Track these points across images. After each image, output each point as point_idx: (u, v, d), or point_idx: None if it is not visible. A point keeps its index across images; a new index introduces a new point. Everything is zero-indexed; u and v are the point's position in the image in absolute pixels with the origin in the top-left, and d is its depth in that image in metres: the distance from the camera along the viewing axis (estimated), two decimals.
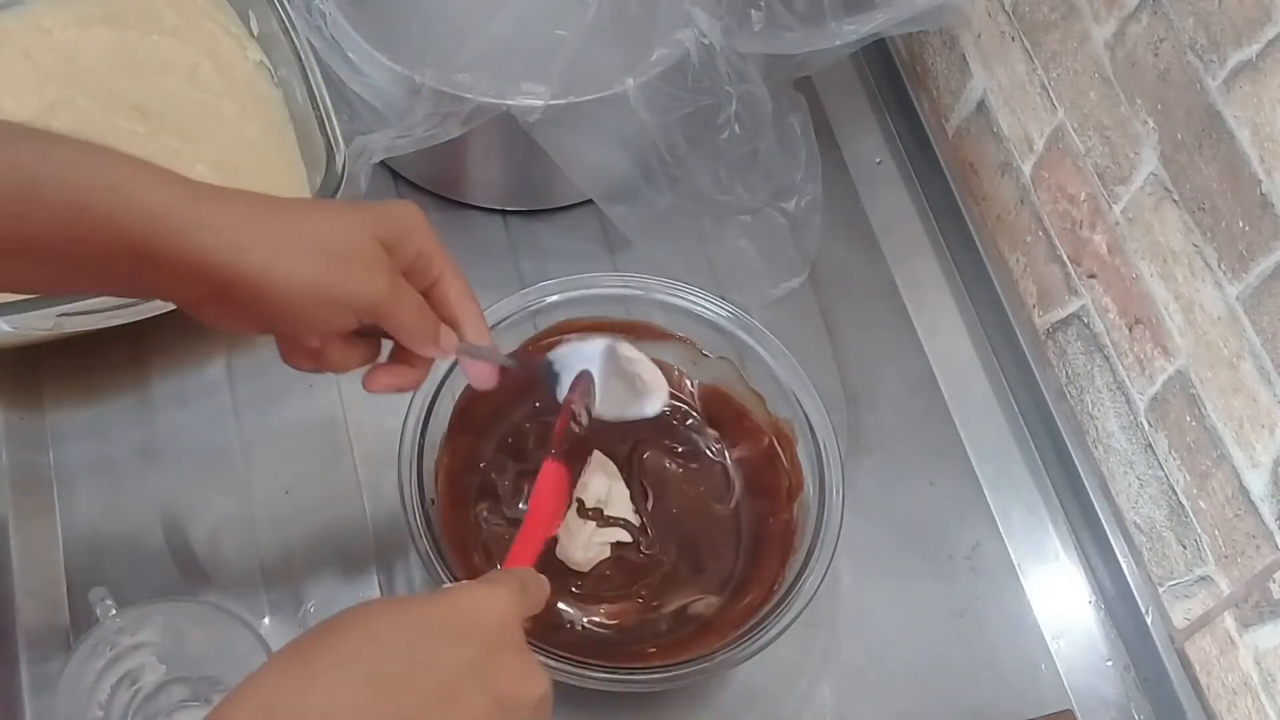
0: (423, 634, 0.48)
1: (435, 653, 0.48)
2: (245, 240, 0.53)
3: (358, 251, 0.55)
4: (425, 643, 0.48)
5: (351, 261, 0.55)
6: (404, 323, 0.57)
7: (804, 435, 0.71)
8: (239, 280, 0.52)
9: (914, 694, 0.73)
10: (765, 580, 0.70)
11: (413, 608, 0.49)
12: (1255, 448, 0.66)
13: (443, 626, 0.49)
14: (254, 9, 0.83)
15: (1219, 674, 0.71)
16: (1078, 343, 0.79)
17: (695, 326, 0.75)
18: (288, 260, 0.53)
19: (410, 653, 0.48)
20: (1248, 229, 0.64)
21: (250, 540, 0.73)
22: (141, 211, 0.51)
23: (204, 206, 0.52)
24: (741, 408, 0.75)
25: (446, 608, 0.50)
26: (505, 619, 0.51)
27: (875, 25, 0.78)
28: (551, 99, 0.75)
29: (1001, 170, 0.84)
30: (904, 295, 0.86)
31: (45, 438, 0.74)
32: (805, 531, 0.69)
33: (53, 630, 0.69)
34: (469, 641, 0.49)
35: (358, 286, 0.55)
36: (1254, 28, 0.61)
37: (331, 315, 0.55)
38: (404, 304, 0.57)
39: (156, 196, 0.52)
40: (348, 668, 0.47)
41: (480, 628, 0.50)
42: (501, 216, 0.86)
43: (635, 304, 0.75)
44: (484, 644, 0.49)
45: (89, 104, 0.81)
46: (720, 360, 0.75)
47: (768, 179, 0.84)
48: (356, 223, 0.56)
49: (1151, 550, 0.75)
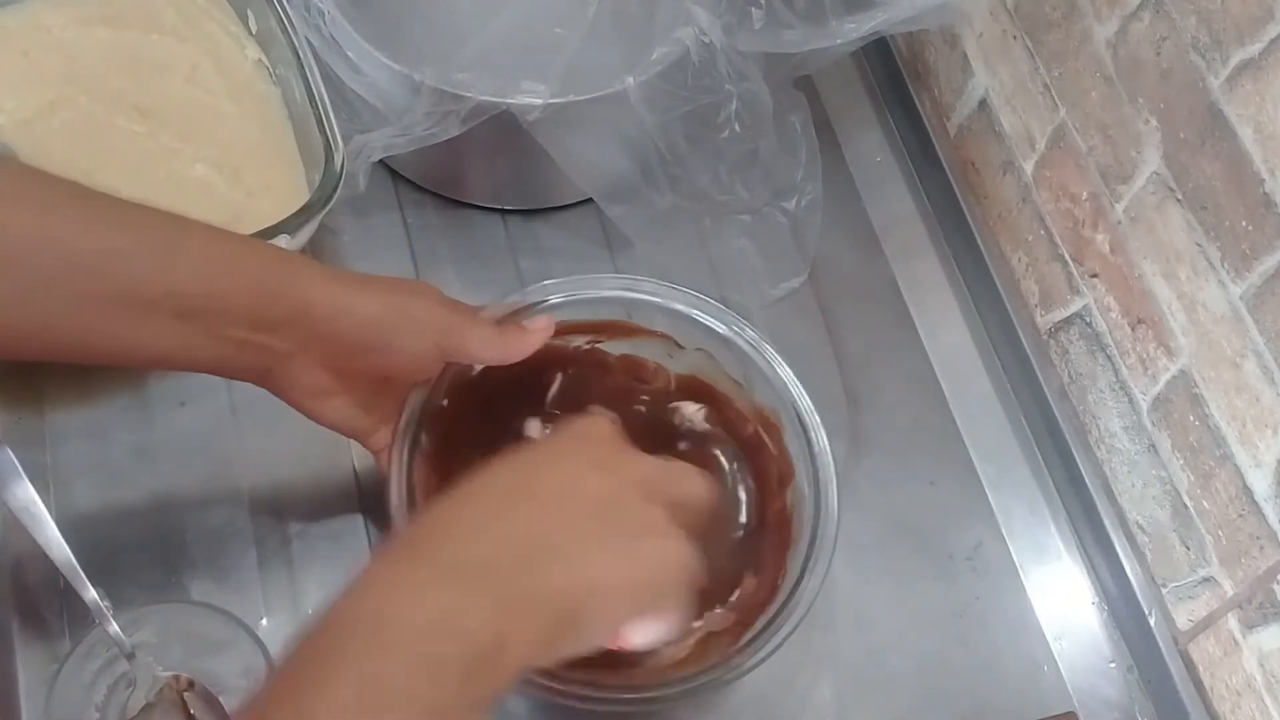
0: (543, 458, 0.57)
1: (566, 466, 0.55)
2: (337, 278, 0.62)
3: (423, 288, 0.65)
4: (549, 463, 0.55)
5: (421, 292, 0.64)
6: (480, 333, 0.65)
7: (791, 422, 0.70)
8: (331, 307, 0.60)
9: (914, 695, 0.73)
10: (767, 576, 0.69)
11: (513, 457, 0.55)
12: (1259, 448, 0.65)
13: (563, 445, 0.58)
14: (253, 8, 0.82)
15: (1222, 675, 0.70)
16: (1080, 342, 0.79)
17: (671, 321, 0.73)
18: (370, 293, 0.62)
19: (538, 473, 0.55)
20: (1250, 228, 0.63)
21: (248, 541, 0.72)
22: (262, 257, 0.61)
23: (302, 258, 0.65)
24: (724, 396, 0.74)
25: (555, 437, 0.59)
26: (615, 432, 0.58)
27: (876, 24, 0.77)
28: (551, 98, 0.75)
29: (1003, 169, 0.83)
30: (905, 294, 0.86)
31: (44, 438, 0.74)
32: (802, 521, 0.68)
33: (49, 632, 0.68)
34: (594, 446, 0.56)
35: (431, 306, 0.64)
36: (1256, 26, 0.61)
37: (410, 340, 0.63)
38: (474, 321, 0.66)
39: (272, 248, 0.64)
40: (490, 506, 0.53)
41: (602, 433, 0.57)
42: (501, 216, 0.85)
43: (605, 305, 0.73)
44: (612, 446, 0.56)
45: (88, 103, 0.81)
46: (697, 352, 0.74)
47: (768, 178, 0.84)
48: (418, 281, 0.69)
49: (1154, 551, 0.75)
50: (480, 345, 0.66)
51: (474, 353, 0.66)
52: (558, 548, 0.51)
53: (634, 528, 0.54)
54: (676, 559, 0.54)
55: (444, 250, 0.84)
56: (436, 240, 0.84)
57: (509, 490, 0.53)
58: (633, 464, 0.56)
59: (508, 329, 0.67)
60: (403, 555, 0.50)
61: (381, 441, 0.67)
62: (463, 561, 0.49)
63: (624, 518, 0.54)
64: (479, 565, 0.49)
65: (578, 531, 0.52)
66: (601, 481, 0.54)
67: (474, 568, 0.49)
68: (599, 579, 0.52)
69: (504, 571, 0.50)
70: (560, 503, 0.53)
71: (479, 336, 0.65)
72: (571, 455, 0.56)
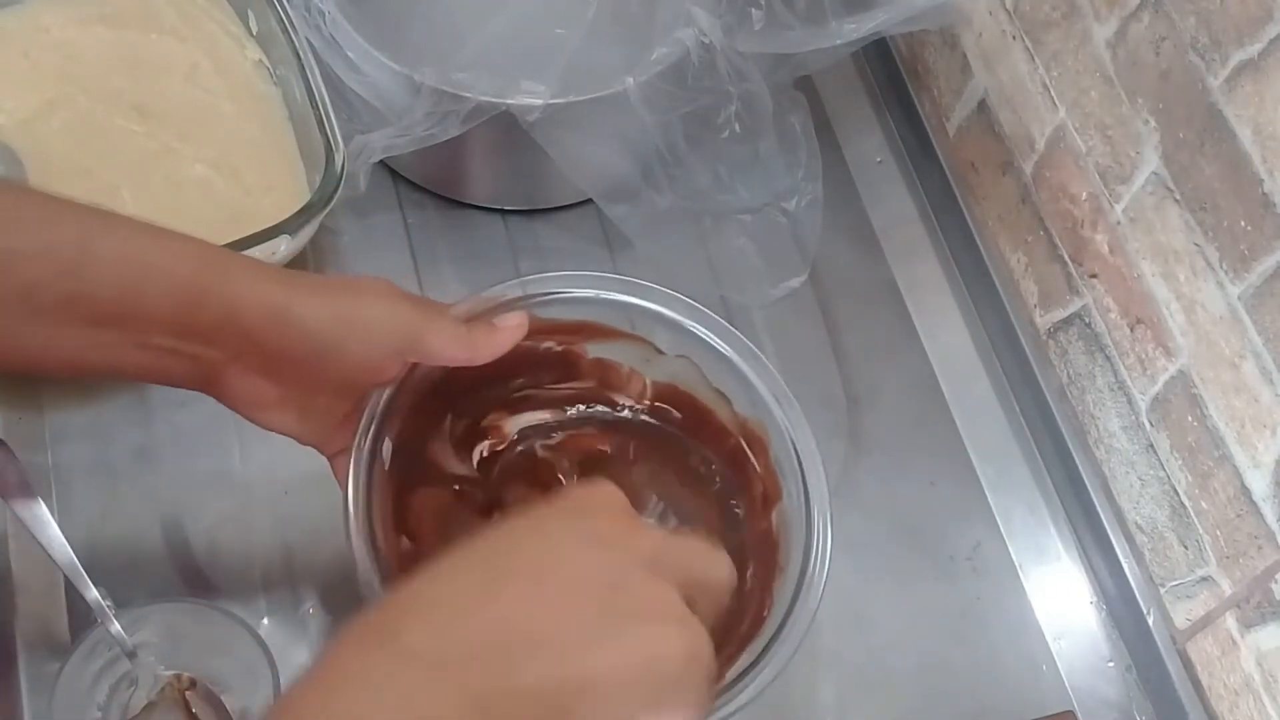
0: (536, 529, 0.48)
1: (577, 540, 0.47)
2: (275, 281, 0.56)
3: (376, 287, 0.58)
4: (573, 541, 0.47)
5: (372, 293, 0.58)
6: (444, 333, 0.59)
7: (779, 438, 0.65)
8: (266, 313, 0.55)
9: (914, 695, 0.73)
10: (751, 606, 0.64)
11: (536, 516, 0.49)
12: (1257, 448, 0.65)
13: (577, 520, 0.48)
14: (253, 8, 0.83)
15: (1221, 675, 0.70)
16: (1079, 342, 0.79)
17: (649, 324, 0.68)
18: (312, 296, 0.56)
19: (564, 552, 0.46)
20: (1249, 228, 0.63)
21: (249, 541, 0.73)
22: (188, 258, 0.55)
23: (236, 257, 0.57)
24: (704, 407, 0.69)
25: (551, 507, 0.49)
26: (620, 500, 0.50)
27: (876, 24, 0.77)
28: (551, 98, 0.75)
29: (1003, 169, 0.84)
30: (905, 295, 0.86)
31: (44, 438, 0.74)
32: (790, 546, 0.63)
33: (51, 631, 0.69)
34: (595, 517, 0.48)
35: (383, 308, 0.58)
36: (1256, 26, 0.61)
37: (358, 347, 0.57)
38: (436, 319, 0.59)
39: (203, 247, 0.56)
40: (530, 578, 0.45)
41: (605, 501, 0.49)
42: (501, 216, 0.86)
43: (580, 306, 0.69)
44: (616, 516, 0.48)
45: (88, 103, 0.81)
46: (679, 359, 0.68)
47: (768, 178, 0.84)
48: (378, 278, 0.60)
49: (1153, 551, 0.75)
50: (444, 346, 0.60)
51: (437, 354, 0.60)
52: (545, 637, 0.44)
53: (639, 612, 0.45)
54: (687, 649, 0.45)
55: (444, 250, 0.84)
56: (436, 240, 0.84)
57: (493, 566, 0.46)
58: (641, 537, 0.48)
59: (477, 327, 0.61)
60: (368, 638, 0.44)
61: (336, 446, 0.62)
62: (432, 649, 0.43)
63: (628, 601, 0.45)
64: (451, 654, 0.43)
65: (571, 618, 0.44)
66: (603, 559, 0.46)
67: (445, 657, 0.43)
68: (594, 675, 0.44)
69: (480, 663, 0.43)
70: (552, 583, 0.45)
71: (443, 337, 0.59)
72: (568, 528, 0.47)
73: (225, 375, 0.57)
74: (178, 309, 0.54)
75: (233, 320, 0.55)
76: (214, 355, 0.56)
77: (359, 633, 0.44)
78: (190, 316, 0.54)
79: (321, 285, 0.58)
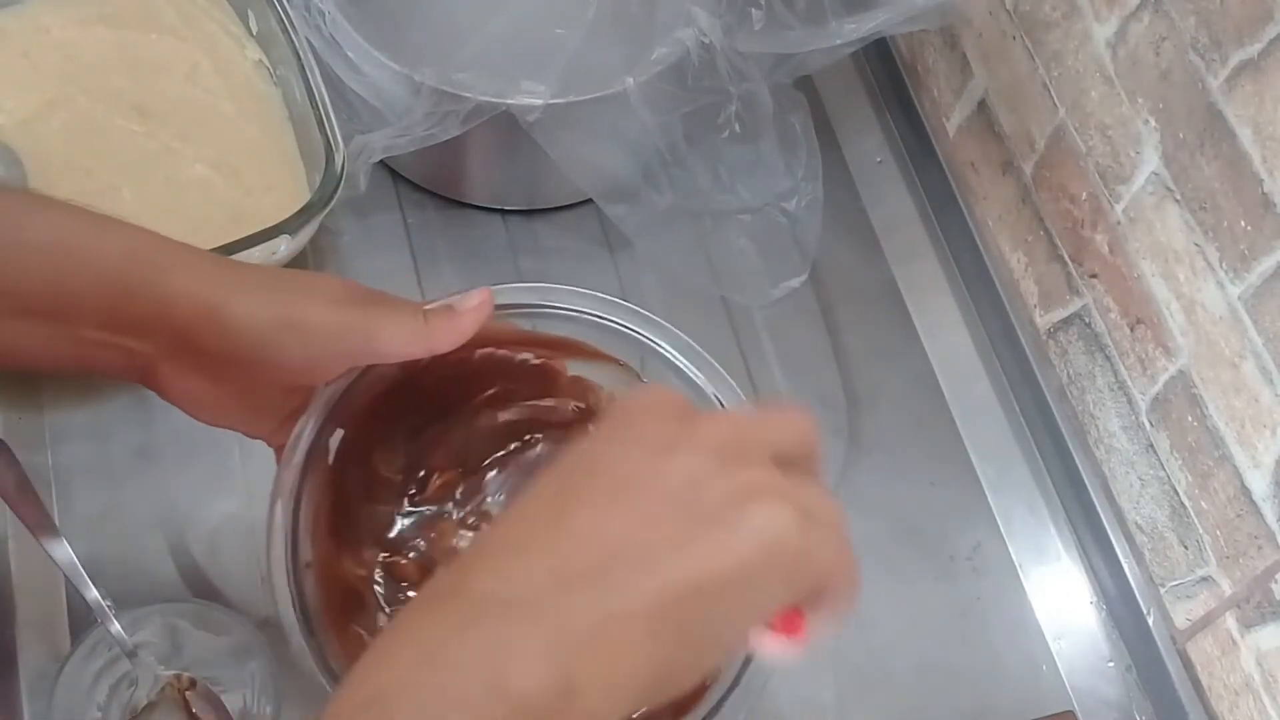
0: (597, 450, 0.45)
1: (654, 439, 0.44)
2: (211, 277, 0.53)
3: (320, 284, 0.55)
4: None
5: (313, 290, 0.54)
6: (394, 329, 0.55)
7: None
8: (199, 312, 0.52)
9: (914, 694, 0.73)
10: None
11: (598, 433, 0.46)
12: (1257, 448, 0.65)
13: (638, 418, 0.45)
14: (253, 8, 0.83)
15: (1220, 674, 0.70)
16: (1079, 342, 0.79)
17: (630, 350, 0.63)
18: (251, 294, 0.53)
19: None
20: (1249, 228, 0.63)
21: (249, 541, 0.72)
22: (119, 248, 0.52)
23: (174, 247, 0.54)
24: None
25: (607, 423, 0.46)
26: (679, 400, 0.46)
27: (876, 24, 0.77)
28: (551, 98, 0.75)
29: (1003, 169, 0.84)
30: (905, 295, 0.86)
31: (44, 438, 0.74)
32: None
33: (51, 631, 0.69)
34: (657, 423, 0.45)
35: (325, 308, 0.54)
36: (1256, 26, 0.61)
37: (295, 349, 0.54)
38: (390, 316, 0.55)
39: (137, 236, 0.53)
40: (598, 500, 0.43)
41: (664, 405, 0.46)
42: (501, 216, 0.86)
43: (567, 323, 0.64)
44: (677, 417, 0.45)
45: (88, 103, 0.81)
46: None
47: (768, 178, 0.84)
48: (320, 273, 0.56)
49: (1153, 551, 0.75)
50: (398, 345, 0.55)
51: (387, 351, 0.55)
52: (637, 550, 0.41)
53: (726, 501, 0.42)
54: (793, 515, 0.43)
55: (444, 250, 0.84)
56: (436, 240, 0.84)
57: (557, 499, 0.43)
58: (707, 429, 0.44)
59: (434, 315, 0.56)
60: (441, 595, 0.42)
61: (283, 439, 0.58)
62: (502, 592, 0.40)
63: (710, 494, 0.42)
64: (526, 594, 0.40)
65: (653, 528, 0.42)
66: (671, 462, 0.43)
67: (518, 598, 0.40)
68: (697, 576, 0.41)
69: (561, 596, 0.40)
70: (623, 500, 0.42)
71: (396, 336, 0.55)
72: (625, 443, 0.44)
73: (161, 371, 0.54)
74: (107, 300, 0.52)
75: (164, 316, 0.52)
76: (147, 350, 0.53)
77: (429, 593, 0.42)
78: (120, 309, 0.52)
79: (265, 283, 0.54)
